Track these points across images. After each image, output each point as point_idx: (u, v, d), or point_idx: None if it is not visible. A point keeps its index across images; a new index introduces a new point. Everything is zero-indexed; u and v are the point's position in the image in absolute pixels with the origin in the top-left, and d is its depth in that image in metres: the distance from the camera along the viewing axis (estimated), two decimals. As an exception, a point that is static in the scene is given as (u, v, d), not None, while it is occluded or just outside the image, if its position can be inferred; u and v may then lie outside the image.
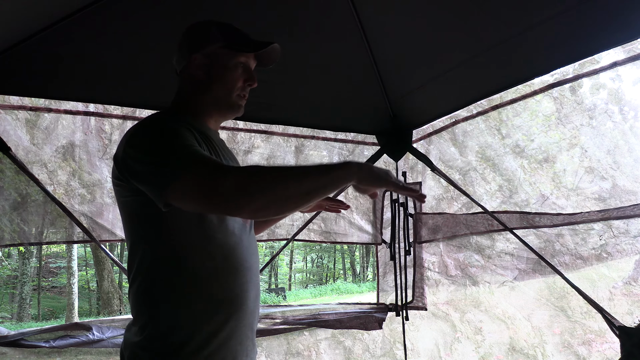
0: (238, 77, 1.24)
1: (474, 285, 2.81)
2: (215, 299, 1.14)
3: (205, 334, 1.11)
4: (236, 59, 1.23)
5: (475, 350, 2.85)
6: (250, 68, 1.28)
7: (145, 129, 1.10)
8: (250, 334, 1.24)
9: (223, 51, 1.22)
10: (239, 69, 1.25)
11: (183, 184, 0.98)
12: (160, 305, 1.12)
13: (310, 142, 2.90)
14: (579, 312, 2.44)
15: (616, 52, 2.03)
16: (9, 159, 2.15)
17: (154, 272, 1.13)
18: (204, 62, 1.22)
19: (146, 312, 1.12)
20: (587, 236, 2.36)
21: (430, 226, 2.84)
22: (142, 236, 1.14)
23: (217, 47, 1.21)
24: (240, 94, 1.27)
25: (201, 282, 1.12)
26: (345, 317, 2.81)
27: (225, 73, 1.23)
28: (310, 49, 2.16)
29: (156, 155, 1.03)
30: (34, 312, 16.93)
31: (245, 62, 1.26)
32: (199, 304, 1.12)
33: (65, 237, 2.35)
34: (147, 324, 1.11)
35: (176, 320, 1.10)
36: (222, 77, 1.23)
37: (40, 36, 1.76)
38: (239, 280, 1.17)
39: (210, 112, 1.27)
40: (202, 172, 0.97)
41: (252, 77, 1.27)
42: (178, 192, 0.98)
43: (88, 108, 2.34)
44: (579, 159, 2.35)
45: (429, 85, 2.35)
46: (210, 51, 1.21)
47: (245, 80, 1.26)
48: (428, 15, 2.00)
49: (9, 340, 2.02)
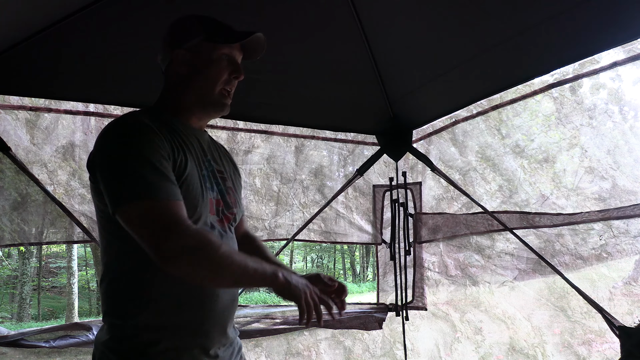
0: (222, 69, 1.21)
1: (474, 285, 2.81)
2: (181, 299, 1.11)
3: (172, 335, 1.10)
4: (219, 51, 1.20)
5: (475, 350, 2.85)
6: (235, 60, 1.24)
7: (114, 134, 1.09)
8: (222, 333, 1.20)
9: (205, 44, 1.19)
10: (223, 62, 1.21)
11: (129, 213, 1.00)
12: (127, 304, 1.11)
13: (310, 142, 2.90)
14: (579, 312, 2.44)
15: (616, 52, 2.03)
16: (9, 159, 2.15)
17: (121, 270, 1.13)
18: (187, 57, 1.19)
19: (114, 311, 1.12)
20: (587, 236, 2.36)
21: (430, 226, 2.84)
22: (110, 233, 1.13)
23: (198, 41, 1.19)
24: (224, 89, 1.23)
25: (167, 281, 1.09)
26: (345, 317, 2.81)
27: (208, 66, 1.19)
28: (310, 49, 2.16)
29: (116, 170, 1.04)
30: (34, 312, 16.92)
31: (229, 54, 1.22)
32: (165, 303, 1.10)
33: (65, 237, 2.35)
34: (114, 324, 1.11)
35: (142, 320, 1.09)
36: (205, 71, 1.19)
37: (41, 36, 1.76)
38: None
39: (192, 110, 1.23)
40: (151, 212, 0.99)
41: (238, 68, 1.23)
42: (124, 216, 1.01)
43: (88, 108, 2.34)
44: (579, 159, 2.35)
45: (429, 85, 2.35)
46: (192, 45, 1.19)
47: (231, 73, 1.22)
48: (428, 15, 2.00)
49: (9, 340, 2.02)
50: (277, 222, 2.87)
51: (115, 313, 1.12)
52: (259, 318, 2.71)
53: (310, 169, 2.93)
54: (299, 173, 2.89)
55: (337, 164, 3.01)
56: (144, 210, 0.99)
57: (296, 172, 2.87)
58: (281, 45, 1.97)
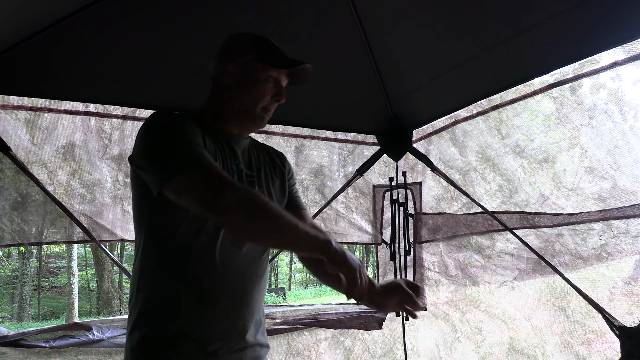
0: (267, 90, 1.26)
1: (474, 285, 2.81)
2: (184, 293, 1.15)
3: (176, 329, 1.13)
4: (268, 73, 1.25)
5: (475, 350, 2.85)
6: (280, 84, 1.29)
7: (157, 121, 1.16)
8: (229, 334, 1.20)
9: (256, 64, 1.24)
10: (270, 83, 1.26)
11: (184, 182, 1.05)
12: (139, 295, 1.17)
13: (310, 142, 2.90)
14: (579, 312, 2.45)
15: (616, 52, 2.03)
16: (9, 159, 2.15)
17: (140, 258, 1.19)
18: (237, 71, 1.25)
19: (132, 296, 1.19)
20: (587, 236, 2.36)
21: (430, 226, 2.84)
22: (138, 223, 1.21)
23: (250, 59, 1.24)
24: (265, 107, 1.28)
25: (173, 273, 1.14)
26: (345, 317, 2.80)
27: (255, 84, 1.25)
28: (310, 49, 2.16)
29: (161, 148, 1.10)
30: (34, 312, 16.93)
31: (276, 78, 1.27)
32: (169, 296, 1.14)
33: (65, 237, 2.35)
34: (133, 311, 1.17)
35: (151, 312, 1.14)
36: (251, 88, 1.25)
37: (41, 36, 1.76)
38: (211, 279, 1.17)
39: (230, 120, 1.28)
40: (206, 176, 1.05)
41: (281, 92, 1.29)
42: (176, 188, 1.06)
43: (88, 108, 2.34)
44: (579, 159, 2.35)
45: (429, 85, 2.35)
46: (244, 62, 1.24)
47: (274, 95, 1.28)
48: (428, 15, 2.00)
49: (9, 340, 2.02)
50: (277, 222, 2.87)
51: (133, 298, 1.19)
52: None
53: (310, 169, 2.93)
54: (299, 173, 2.89)
55: (337, 164, 3.02)
56: (196, 176, 1.05)
57: (296, 172, 2.87)
58: (281, 45, 1.97)
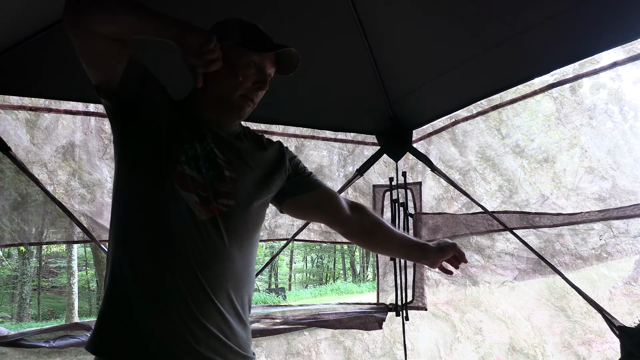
0: (248, 76, 1.22)
1: (474, 285, 2.81)
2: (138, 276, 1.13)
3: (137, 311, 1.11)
4: (249, 58, 1.21)
5: (475, 350, 2.85)
6: (264, 70, 1.25)
7: None
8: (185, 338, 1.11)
9: (238, 48, 1.21)
10: (251, 69, 1.22)
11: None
12: (109, 270, 1.18)
13: (310, 142, 2.90)
14: (579, 312, 2.44)
15: (616, 52, 2.03)
16: (9, 159, 2.15)
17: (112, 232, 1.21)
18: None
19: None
20: (587, 236, 2.36)
21: (430, 226, 2.84)
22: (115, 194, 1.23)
23: (232, 43, 1.21)
24: (245, 95, 1.24)
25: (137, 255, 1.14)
26: (345, 317, 2.81)
27: (235, 69, 1.21)
28: (310, 49, 2.16)
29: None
30: (34, 312, 16.93)
31: (259, 63, 1.23)
32: (129, 273, 1.13)
33: (65, 237, 2.35)
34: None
35: (112, 287, 1.15)
36: (231, 73, 1.21)
37: (41, 36, 1.76)
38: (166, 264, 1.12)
39: (209, 107, 1.25)
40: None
41: (263, 79, 1.24)
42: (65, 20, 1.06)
43: (88, 108, 2.34)
44: (579, 159, 2.35)
45: (429, 85, 2.35)
46: (225, 46, 1.19)
47: (255, 82, 1.23)
48: (428, 15, 2.00)
49: (9, 340, 2.02)
50: (277, 222, 2.87)
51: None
52: (259, 318, 2.71)
53: (310, 168, 2.91)
54: (299, 173, 2.89)
55: (337, 164, 3.01)
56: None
57: (296, 172, 2.87)
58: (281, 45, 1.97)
